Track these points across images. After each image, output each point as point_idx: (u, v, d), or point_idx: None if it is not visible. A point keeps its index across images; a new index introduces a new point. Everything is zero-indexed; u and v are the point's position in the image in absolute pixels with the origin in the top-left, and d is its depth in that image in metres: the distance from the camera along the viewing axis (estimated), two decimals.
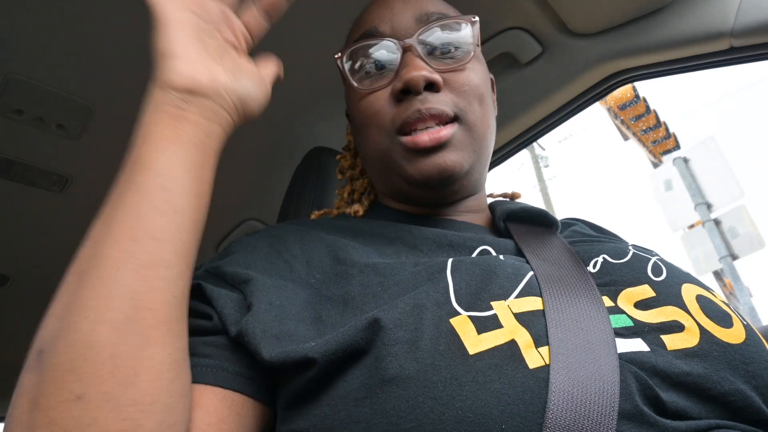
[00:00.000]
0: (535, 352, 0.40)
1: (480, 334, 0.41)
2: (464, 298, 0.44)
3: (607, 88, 1.06)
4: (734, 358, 0.42)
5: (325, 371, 0.43)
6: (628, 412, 0.37)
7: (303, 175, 1.04)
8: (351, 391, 0.40)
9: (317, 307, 0.49)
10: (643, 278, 0.50)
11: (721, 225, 6.56)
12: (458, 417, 0.36)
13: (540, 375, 0.38)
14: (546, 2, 0.94)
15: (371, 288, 0.49)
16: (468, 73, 0.62)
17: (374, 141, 0.62)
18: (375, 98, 0.61)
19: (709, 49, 0.89)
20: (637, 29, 0.95)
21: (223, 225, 1.48)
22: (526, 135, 1.18)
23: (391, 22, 0.63)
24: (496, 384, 0.37)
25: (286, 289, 0.51)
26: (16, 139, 1.14)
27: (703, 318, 0.45)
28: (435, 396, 0.37)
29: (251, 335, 0.46)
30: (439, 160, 0.57)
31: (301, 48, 1.03)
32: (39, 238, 1.45)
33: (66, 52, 0.97)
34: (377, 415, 0.38)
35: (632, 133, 8.06)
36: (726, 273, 6.59)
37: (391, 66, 0.61)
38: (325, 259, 0.56)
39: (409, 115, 0.58)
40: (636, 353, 0.41)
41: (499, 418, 0.35)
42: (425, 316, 0.42)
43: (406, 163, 0.59)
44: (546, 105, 1.11)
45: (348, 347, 0.42)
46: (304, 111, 1.16)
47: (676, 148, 8.00)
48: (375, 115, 0.61)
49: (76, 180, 1.27)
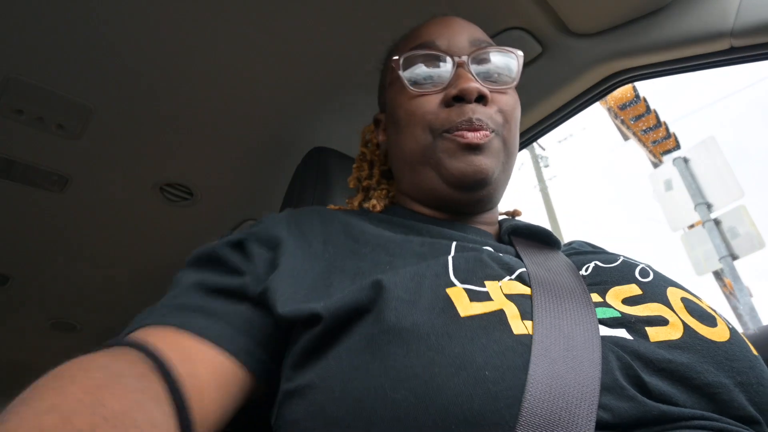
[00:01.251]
0: (521, 323, 0.43)
1: (471, 302, 0.45)
2: (461, 274, 0.48)
3: (607, 88, 1.06)
4: (718, 354, 0.44)
5: (331, 327, 0.46)
6: (608, 385, 0.39)
7: (303, 175, 1.04)
8: (354, 343, 0.44)
9: (329, 277, 0.53)
10: (631, 279, 0.53)
11: (721, 225, 6.55)
12: (446, 362, 0.39)
13: (523, 341, 0.41)
14: (546, 2, 0.94)
15: (380, 265, 0.53)
16: (509, 98, 0.68)
17: (418, 138, 0.66)
18: (425, 100, 0.66)
19: (709, 49, 0.89)
20: (637, 29, 0.95)
21: (222, 225, 1.48)
22: (527, 135, 1.18)
23: (448, 39, 0.69)
24: (482, 340, 0.41)
25: (303, 262, 0.56)
26: (16, 139, 1.14)
27: (687, 316, 0.48)
28: (427, 345, 0.41)
29: (272, 291, 0.51)
30: (477, 161, 0.63)
31: (301, 48, 1.03)
32: (39, 238, 1.45)
33: (66, 52, 0.97)
34: (375, 360, 0.42)
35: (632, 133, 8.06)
36: (726, 273, 6.59)
37: (444, 78, 0.67)
38: (340, 237, 0.61)
39: (462, 120, 0.63)
40: (619, 338, 0.44)
41: (483, 366, 0.39)
42: (424, 283, 0.47)
43: (447, 158, 0.64)
44: (546, 105, 1.11)
45: (352, 305, 0.46)
46: (304, 111, 1.16)
47: (676, 148, 8.00)
48: (424, 115, 0.66)
49: (76, 180, 1.27)
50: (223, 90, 1.10)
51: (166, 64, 1.02)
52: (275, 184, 1.32)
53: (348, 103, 1.14)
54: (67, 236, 1.47)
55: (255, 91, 1.11)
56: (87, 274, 1.66)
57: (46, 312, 1.83)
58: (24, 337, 1.97)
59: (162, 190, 1.35)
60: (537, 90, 1.09)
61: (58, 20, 0.91)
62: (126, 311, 1.87)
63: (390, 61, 0.72)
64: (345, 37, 1.01)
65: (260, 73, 1.07)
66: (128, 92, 1.06)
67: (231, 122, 1.18)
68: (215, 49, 1.01)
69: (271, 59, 1.05)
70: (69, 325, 1.93)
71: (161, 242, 1.55)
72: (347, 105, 1.14)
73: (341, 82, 1.10)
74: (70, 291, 1.73)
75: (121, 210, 1.40)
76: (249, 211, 1.45)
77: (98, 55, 0.99)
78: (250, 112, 1.16)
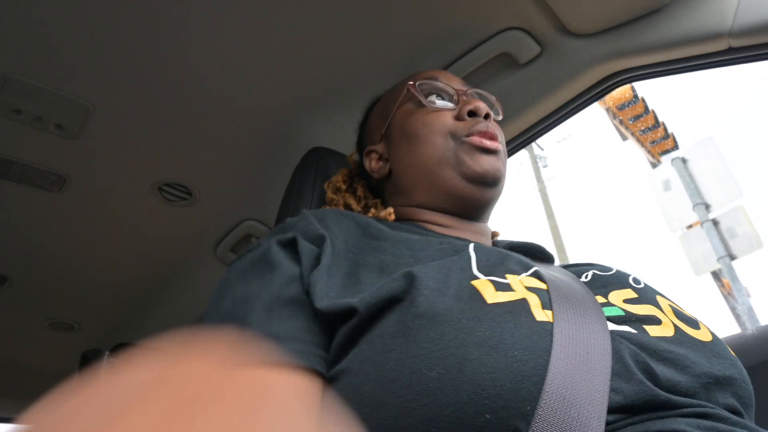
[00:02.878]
0: (542, 311, 0.47)
1: (497, 291, 0.48)
2: (484, 269, 0.52)
3: (606, 88, 1.07)
4: (705, 351, 0.49)
5: (366, 318, 0.48)
6: (619, 370, 0.43)
7: (302, 175, 1.04)
8: (387, 328, 0.47)
9: (357, 274, 0.56)
10: (627, 284, 0.60)
11: (719, 225, 6.56)
12: (478, 342, 0.42)
13: (546, 327, 0.45)
14: (545, 2, 0.95)
15: (403, 259, 0.57)
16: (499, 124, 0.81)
17: (437, 144, 0.74)
18: (442, 114, 0.76)
19: (708, 49, 0.89)
20: (636, 29, 0.95)
21: (222, 225, 1.48)
22: (525, 135, 1.19)
23: (447, 79, 0.82)
24: (510, 323, 0.44)
25: (334, 260, 0.58)
26: (14, 138, 1.14)
27: (675, 319, 0.53)
28: (459, 327, 0.44)
29: (313, 286, 0.53)
30: (495, 162, 0.73)
31: (301, 48, 1.03)
32: (38, 238, 1.45)
33: (64, 52, 0.97)
34: (409, 342, 0.44)
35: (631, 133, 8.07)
36: (724, 273, 6.60)
37: (452, 102, 0.79)
38: (359, 236, 0.64)
39: (479, 127, 0.73)
40: (625, 332, 0.48)
41: (513, 346, 0.42)
42: (451, 275, 0.50)
43: (468, 158, 0.72)
44: (544, 105, 1.11)
45: (387, 296, 0.48)
46: (304, 111, 1.17)
47: (674, 149, 8.01)
48: (444, 123, 0.75)
49: (75, 180, 1.27)
50: (222, 90, 1.10)
51: (166, 63, 1.02)
52: (274, 184, 1.32)
53: (348, 103, 1.14)
54: (65, 236, 1.46)
55: (254, 90, 1.11)
56: (85, 274, 1.66)
57: (44, 312, 1.82)
58: (22, 337, 1.97)
59: (161, 189, 1.35)
60: (535, 90, 1.09)
61: (56, 19, 0.91)
62: (125, 311, 1.86)
63: (403, 86, 0.82)
64: (345, 37, 1.01)
65: (260, 73, 1.07)
66: (127, 92, 1.06)
67: (230, 122, 1.18)
68: (214, 48, 1.01)
69: (271, 59, 1.05)
70: (67, 325, 1.93)
71: (160, 242, 1.55)
72: (347, 105, 1.14)
73: (341, 82, 1.10)
74: (69, 291, 1.73)
75: (119, 210, 1.40)
76: (248, 210, 1.45)
77: (97, 54, 0.98)
78: (249, 112, 1.16)
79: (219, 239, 1.52)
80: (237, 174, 1.32)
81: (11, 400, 2.27)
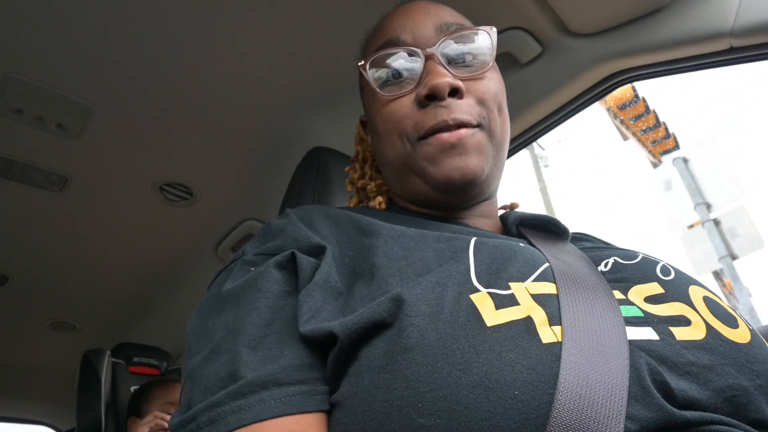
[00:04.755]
0: (549, 329, 0.42)
1: (498, 310, 0.43)
2: (484, 277, 0.46)
3: (607, 88, 1.06)
4: (739, 356, 0.43)
5: (348, 345, 0.44)
6: (636, 393, 0.38)
7: (303, 175, 1.04)
8: (374, 359, 0.42)
9: (353, 287, 0.51)
10: (653, 277, 0.51)
11: (720, 225, 6.55)
12: (474, 382, 0.38)
13: (553, 350, 0.40)
14: (546, 2, 0.94)
15: (396, 261, 0.50)
16: (487, 82, 0.64)
17: (397, 146, 0.63)
18: (399, 105, 0.63)
19: (709, 49, 0.89)
20: (636, 29, 0.95)
21: (222, 225, 1.48)
22: (526, 135, 1.18)
23: (413, 31, 0.65)
24: (510, 354, 0.39)
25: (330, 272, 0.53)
26: (15, 138, 1.14)
27: (710, 316, 0.47)
28: (453, 362, 0.39)
29: (300, 307, 0.48)
30: (462, 163, 0.59)
31: (301, 48, 1.03)
32: (39, 238, 1.45)
33: (66, 52, 0.97)
34: (398, 380, 0.40)
35: (632, 133, 8.06)
36: (725, 273, 6.59)
37: (414, 74, 0.63)
38: (352, 234, 0.57)
39: (436, 123, 0.59)
40: (646, 341, 0.43)
41: (512, 385, 0.37)
42: (447, 293, 0.44)
43: (430, 165, 0.61)
44: (546, 105, 1.11)
45: (370, 320, 0.43)
46: (304, 111, 1.17)
47: (675, 148, 7.99)
48: (399, 122, 0.63)
49: (76, 180, 1.27)
50: (222, 90, 1.10)
51: (166, 63, 1.02)
52: (275, 184, 1.32)
53: (348, 103, 1.14)
54: (66, 236, 1.46)
55: (255, 90, 1.11)
56: (86, 274, 1.66)
57: (46, 312, 1.82)
58: (23, 337, 1.97)
59: (161, 189, 1.35)
60: (537, 90, 1.09)
61: (58, 19, 0.91)
62: (126, 311, 1.87)
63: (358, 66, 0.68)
64: (345, 37, 1.01)
65: (260, 73, 1.07)
66: (128, 92, 1.06)
67: (231, 122, 1.18)
68: (215, 49, 1.01)
69: (272, 59, 1.05)
70: (68, 325, 1.93)
71: (161, 242, 1.55)
72: (347, 105, 1.14)
73: (341, 82, 1.10)
74: (70, 291, 1.73)
75: (120, 209, 1.40)
76: (248, 210, 1.45)
77: (98, 54, 0.99)
78: (250, 112, 1.16)
79: (220, 239, 1.52)
80: (238, 174, 1.32)
81: (11, 399, 2.27)
